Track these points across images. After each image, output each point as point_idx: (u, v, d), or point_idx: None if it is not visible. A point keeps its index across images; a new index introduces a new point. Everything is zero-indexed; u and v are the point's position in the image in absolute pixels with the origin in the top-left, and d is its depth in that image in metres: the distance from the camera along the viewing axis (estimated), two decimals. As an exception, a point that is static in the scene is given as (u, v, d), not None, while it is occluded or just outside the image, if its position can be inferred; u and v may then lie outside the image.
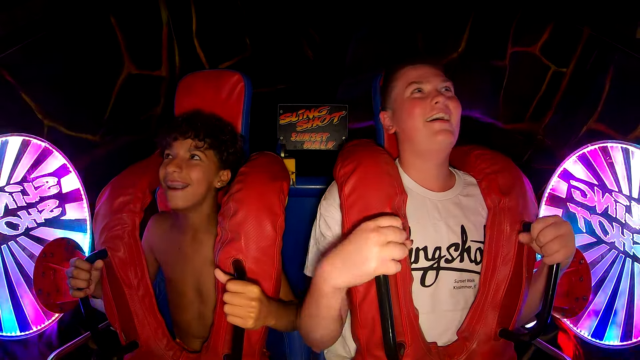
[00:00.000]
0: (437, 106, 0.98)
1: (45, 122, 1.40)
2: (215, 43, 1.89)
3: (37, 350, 1.32)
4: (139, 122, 1.71)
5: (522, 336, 0.94)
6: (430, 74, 1.03)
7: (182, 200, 1.05)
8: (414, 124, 0.99)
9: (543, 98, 1.65)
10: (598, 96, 1.44)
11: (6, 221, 1.29)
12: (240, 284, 0.88)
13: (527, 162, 1.75)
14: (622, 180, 1.28)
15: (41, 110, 1.38)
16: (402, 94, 1.03)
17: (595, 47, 1.46)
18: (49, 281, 1.27)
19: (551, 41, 1.58)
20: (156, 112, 1.75)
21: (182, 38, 1.78)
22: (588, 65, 1.49)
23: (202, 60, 1.88)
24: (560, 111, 1.62)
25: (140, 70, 1.64)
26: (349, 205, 0.94)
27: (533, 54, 1.62)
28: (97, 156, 1.57)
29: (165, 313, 1.15)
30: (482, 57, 1.79)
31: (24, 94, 1.33)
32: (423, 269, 0.95)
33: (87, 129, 1.54)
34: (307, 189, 1.44)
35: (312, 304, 0.83)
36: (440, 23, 1.87)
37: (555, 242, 0.83)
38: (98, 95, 1.55)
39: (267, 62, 2.03)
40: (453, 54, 1.84)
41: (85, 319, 1.01)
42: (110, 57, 1.55)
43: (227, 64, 1.93)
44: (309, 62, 2.12)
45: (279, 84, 2.11)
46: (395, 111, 1.06)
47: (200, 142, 1.08)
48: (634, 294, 1.25)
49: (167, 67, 1.74)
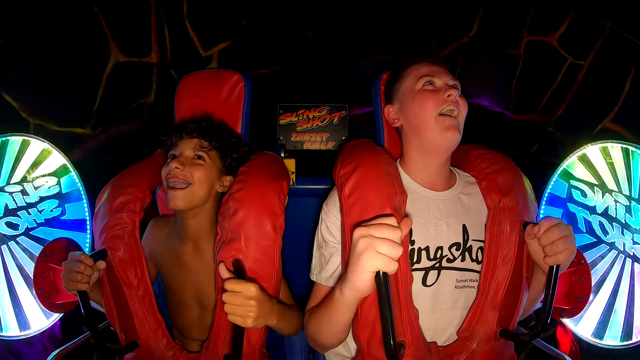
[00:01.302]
0: (450, 99, 0.98)
1: (31, 121, 1.38)
2: (208, 24, 1.80)
3: (42, 345, 1.31)
4: (130, 110, 1.66)
5: (522, 336, 0.94)
6: (441, 71, 1.03)
7: (182, 201, 1.04)
8: (425, 116, 0.99)
9: (557, 90, 1.61)
10: (616, 95, 1.42)
11: (6, 221, 1.29)
12: (238, 282, 0.88)
13: (535, 154, 1.73)
14: (622, 180, 1.28)
15: (25, 109, 1.36)
16: (413, 86, 1.03)
17: (617, 43, 1.42)
18: (49, 281, 1.27)
19: (570, 32, 1.54)
20: (148, 100, 1.71)
21: (172, 21, 1.70)
22: (608, 61, 1.46)
23: (196, 44, 1.79)
24: (574, 105, 1.58)
25: (128, 57, 1.58)
26: (349, 206, 0.94)
27: (550, 44, 1.57)
28: (89, 149, 1.54)
29: (165, 313, 1.15)
30: (495, 44, 1.73)
31: (5, 94, 1.31)
32: (425, 269, 0.95)
33: (76, 122, 1.50)
34: (307, 189, 1.44)
35: (328, 310, 0.86)
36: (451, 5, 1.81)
37: (560, 242, 0.84)
38: (85, 87, 1.51)
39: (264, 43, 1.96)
40: (464, 37, 1.76)
41: (85, 319, 1.00)
42: (95, 46, 1.50)
43: (222, 46, 1.83)
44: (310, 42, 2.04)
45: (278, 65, 2.04)
46: (404, 104, 1.05)
47: (206, 142, 1.08)
48: (634, 294, 1.25)
49: (158, 53, 1.67)
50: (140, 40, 1.63)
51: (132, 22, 1.60)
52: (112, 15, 1.50)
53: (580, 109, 1.56)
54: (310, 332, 0.98)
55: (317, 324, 0.94)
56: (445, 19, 1.81)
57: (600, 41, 1.46)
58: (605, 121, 1.44)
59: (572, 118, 1.59)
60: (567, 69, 1.56)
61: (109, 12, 1.49)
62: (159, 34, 1.67)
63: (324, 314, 0.90)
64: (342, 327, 0.90)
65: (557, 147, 1.61)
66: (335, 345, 0.99)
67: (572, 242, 0.86)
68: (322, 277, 1.01)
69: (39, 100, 1.39)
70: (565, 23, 1.54)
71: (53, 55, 1.39)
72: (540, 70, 1.62)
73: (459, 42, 1.77)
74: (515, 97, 1.71)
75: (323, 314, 0.90)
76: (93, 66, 1.52)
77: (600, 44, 1.47)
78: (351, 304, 0.82)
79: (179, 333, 1.18)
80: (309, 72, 2.03)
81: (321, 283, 1.02)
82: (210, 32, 1.81)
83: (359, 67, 1.95)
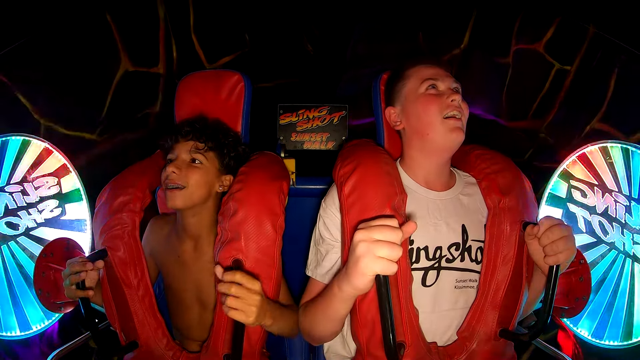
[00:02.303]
0: (453, 104, 0.98)
1: (42, 122, 1.39)
2: (213, 39, 1.86)
3: (39, 349, 1.32)
4: (136, 119, 1.70)
5: (522, 336, 0.94)
6: (443, 74, 1.03)
7: (180, 200, 1.05)
8: (430, 120, 0.99)
9: (546, 96, 1.64)
10: (602, 96, 1.44)
11: (6, 221, 1.29)
12: (240, 273, 0.84)
13: (529, 160, 1.74)
14: (622, 180, 1.28)
15: (38, 110, 1.37)
16: (416, 89, 1.03)
17: (601, 46, 1.44)
18: (49, 281, 1.27)
19: (555, 39, 1.56)
20: (154, 110, 1.74)
21: (179, 34, 1.75)
22: (593, 64, 1.48)
23: (201, 57, 1.85)
24: (564, 109, 1.60)
25: (137, 67, 1.61)
26: (348, 206, 0.94)
27: (537, 51, 1.60)
28: (95, 154, 1.55)
29: (165, 313, 1.15)
30: (485, 54, 1.77)
31: (19, 94, 1.32)
32: (424, 269, 0.95)
33: (85, 127, 1.52)
34: (307, 189, 1.44)
35: (324, 304, 0.87)
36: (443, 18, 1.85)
37: (561, 242, 0.84)
38: (95, 93, 1.54)
39: (266, 58, 2.01)
40: (455, 49, 1.82)
41: (85, 319, 1.00)
42: (106, 55, 1.53)
43: (226, 60, 1.89)
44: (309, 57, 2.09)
45: (279, 79, 2.08)
46: (406, 107, 1.05)
47: (201, 143, 1.08)
48: (634, 294, 1.25)
49: (165, 64, 1.71)
50: (148, 50, 1.67)
51: (142, 34, 1.64)
52: (124, 26, 1.53)
53: (569, 113, 1.58)
54: (304, 325, 0.98)
55: (312, 318, 0.94)
56: (438, 31, 1.86)
57: (585, 46, 1.49)
58: (593, 121, 1.47)
59: (562, 122, 1.61)
60: (555, 74, 1.59)
61: (121, 23, 1.52)
62: (167, 45, 1.72)
63: (319, 308, 0.90)
64: (338, 322, 0.91)
65: (550, 152, 1.62)
66: (329, 338, 0.99)
67: (572, 243, 0.86)
68: (318, 273, 1.02)
69: (50, 103, 1.41)
70: (551, 30, 1.56)
71: (66, 60, 1.41)
72: (529, 77, 1.65)
73: (451, 53, 1.82)
74: (507, 104, 1.74)
75: (318, 309, 0.90)
76: (103, 73, 1.55)
77: (585, 48, 1.49)
78: (349, 300, 0.83)
79: (179, 334, 1.18)
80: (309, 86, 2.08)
81: (316, 279, 1.02)
82: (215, 46, 1.87)
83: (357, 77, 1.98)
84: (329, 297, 0.84)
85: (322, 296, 0.89)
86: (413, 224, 0.72)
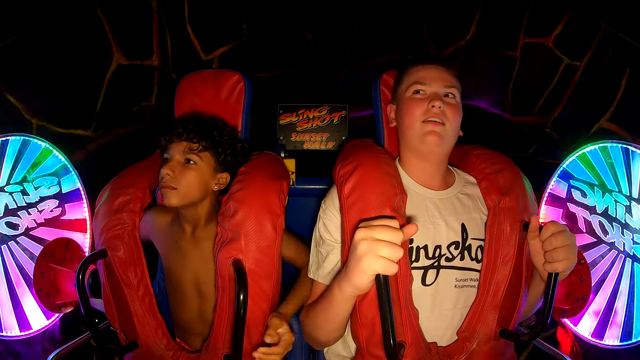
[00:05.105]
0: (433, 110, 0.98)
1: (34, 122, 1.38)
2: (209, 28, 1.82)
3: (41, 346, 1.32)
4: (131, 113, 1.68)
5: (522, 336, 0.94)
6: (437, 77, 1.02)
7: (175, 199, 1.05)
8: (410, 122, 1.01)
9: (554, 91, 1.61)
10: (612, 95, 1.42)
11: (6, 221, 1.29)
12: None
13: (533, 155, 1.72)
14: (622, 180, 1.28)
15: (28, 110, 1.36)
16: (405, 92, 1.05)
17: (612, 43, 1.42)
18: (49, 281, 1.27)
19: (565, 33, 1.54)
20: (150, 102, 1.72)
21: (173, 25, 1.73)
22: (604, 61, 1.46)
23: (197, 47, 1.81)
24: (571, 106, 1.58)
25: (130, 60, 1.59)
26: (348, 206, 0.94)
27: (546, 45, 1.57)
28: (90, 151, 1.54)
29: (165, 313, 1.15)
30: (492, 47, 1.73)
31: (8, 94, 1.31)
32: (423, 268, 0.95)
33: (78, 124, 1.51)
34: (307, 189, 1.44)
35: (325, 305, 0.87)
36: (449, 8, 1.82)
37: (562, 250, 0.84)
38: (88, 89, 1.52)
39: (264, 47, 1.97)
40: (461, 40, 1.77)
41: (85, 319, 1.01)
42: (98, 49, 1.51)
43: (222, 50, 1.85)
44: (309, 46, 2.05)
45: (278, 69, 2.05)
46: (398, 107, 1.08)
47: (195, 144, 1.08)
48: (634, 294, 1.25)
49: (159, 56, 1.69)
50: (142, 43, 1.64)
51: (135, 26, 1.61)
52: (115, 19, 1.51)
53: (577, 110, 1.56)
54: (307, 328, 0.99)
55: (314, 320, 0.94)
56: (443, 22, 1.82)
57: (596, 42, 1.46)
58: (601, 121, 1.45)
59: (569, 119, 1.59)
60: (564, 70, 1.57)
61: (112, 16, 1.50)
62: (161, 37, 1.69)
63: (321, 310, 0.90)
64: (339, 324, 0.91)
65: (554, 148, 1.61)
66: (332, 342, 1.00)
67: (573, 253, 0.86)
68: (319, 274, 1.02)
69: (42, 102, 1.39)
70: (561, 24, 1.54)
71: (56, 57, 1.39)
72: (537, 72, 1.62)
73: (457, 44, 1.78)
74: (513, 98, 1.71)
75: (320, 310, 0.91)
76: (95, 69, 1.53)
77: (596, 44, 1.47)
78: (349, 300, 0.83)
79: (181, 329, 1.18)
80: (308, 76, 2.04)
81: (318, 280, 1.02)
82: (211, 36, 1.84)
83: (358, 70, 1.95)
84: (330, 298, 0.84)
85: (323, 297, 0.90)
86: (414, 226, 0.72)
